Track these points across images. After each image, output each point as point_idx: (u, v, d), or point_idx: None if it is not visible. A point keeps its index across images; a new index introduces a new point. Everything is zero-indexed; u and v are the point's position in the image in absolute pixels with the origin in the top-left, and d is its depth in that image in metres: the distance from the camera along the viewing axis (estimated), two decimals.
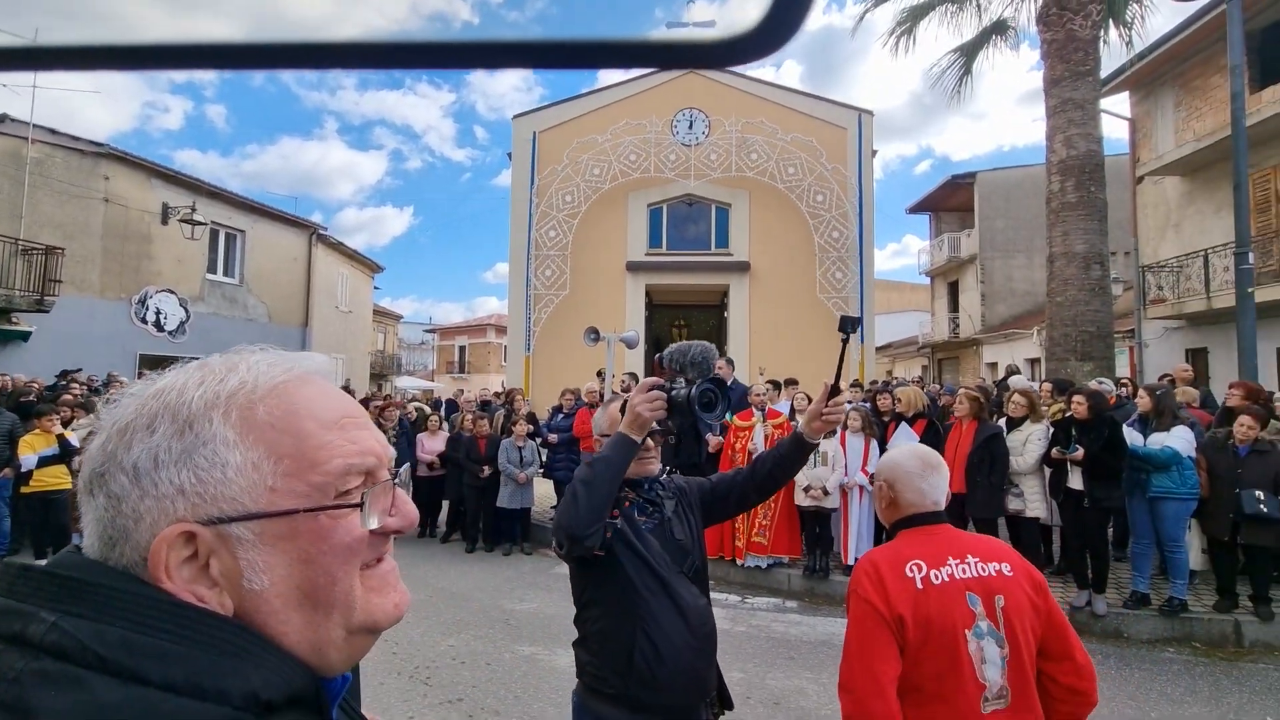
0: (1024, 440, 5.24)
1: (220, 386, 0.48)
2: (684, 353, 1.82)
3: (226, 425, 0.47)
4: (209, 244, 14.64)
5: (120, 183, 12.64)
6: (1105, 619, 4.93)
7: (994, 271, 21.39)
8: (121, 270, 12.65)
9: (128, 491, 0.45)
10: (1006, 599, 1.49)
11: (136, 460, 0.45)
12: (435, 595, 5.66)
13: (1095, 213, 8.52)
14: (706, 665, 1.74)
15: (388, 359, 30.30)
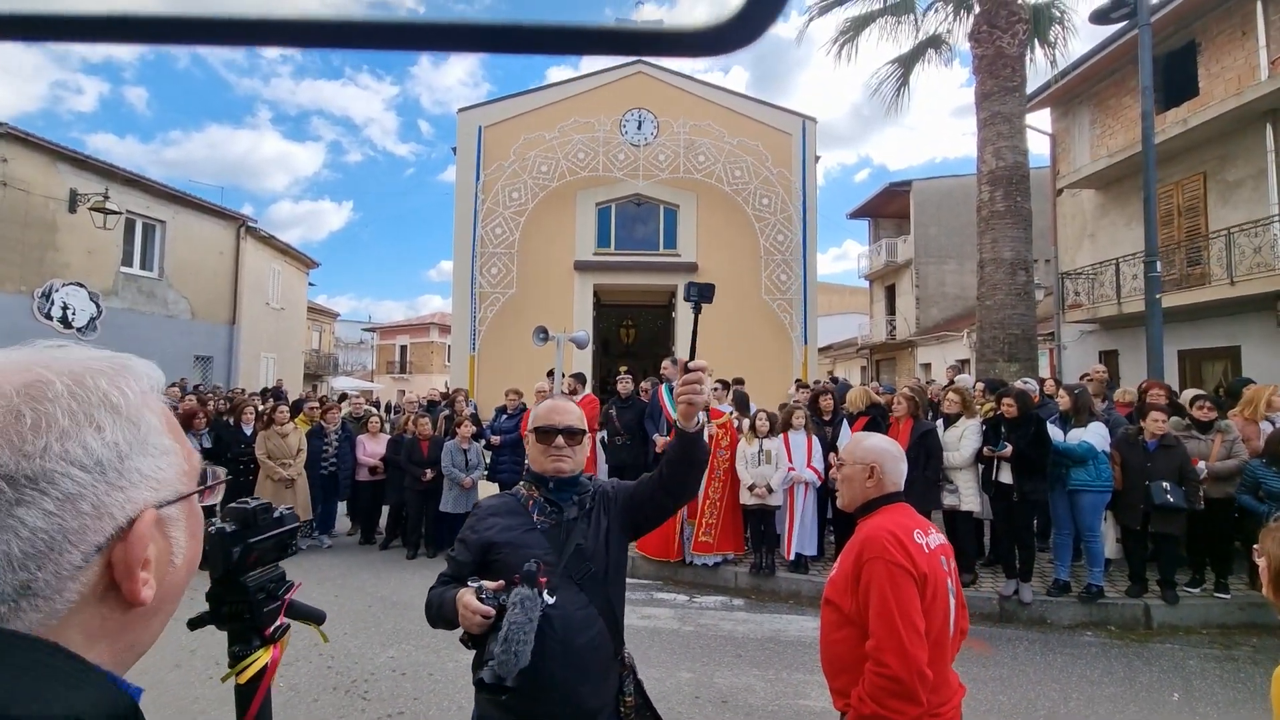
0: (959, 436, 5.47)
1: (141, 384, 0.51)
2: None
3: (155, 417, 0.51)
4: (124, 235, 13.63)
5: (20, 166, 11.61)
6: (1031, 607, 5.21)
7: (928, 276, 22.35)
8: (22, 261, 11.63)
9: (90, 486, 0.45)
10: (949, 560, 1.82)
11: (99, 455, 0.46)
12: (374, 604, 5.44)
13: (1021, 221, 9.00)
14: (576, 678, 1.58)
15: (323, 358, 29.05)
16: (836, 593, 1.81)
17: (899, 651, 1.59)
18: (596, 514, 1.73)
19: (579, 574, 1.66)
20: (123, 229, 13.45)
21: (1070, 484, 5.20)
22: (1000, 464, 5.27)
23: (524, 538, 1.68)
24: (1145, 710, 3.80)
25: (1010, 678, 4.22)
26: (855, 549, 1.78)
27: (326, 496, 7.46)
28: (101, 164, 13.17)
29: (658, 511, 1.77)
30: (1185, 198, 11.58)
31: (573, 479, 1.76)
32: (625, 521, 1.74)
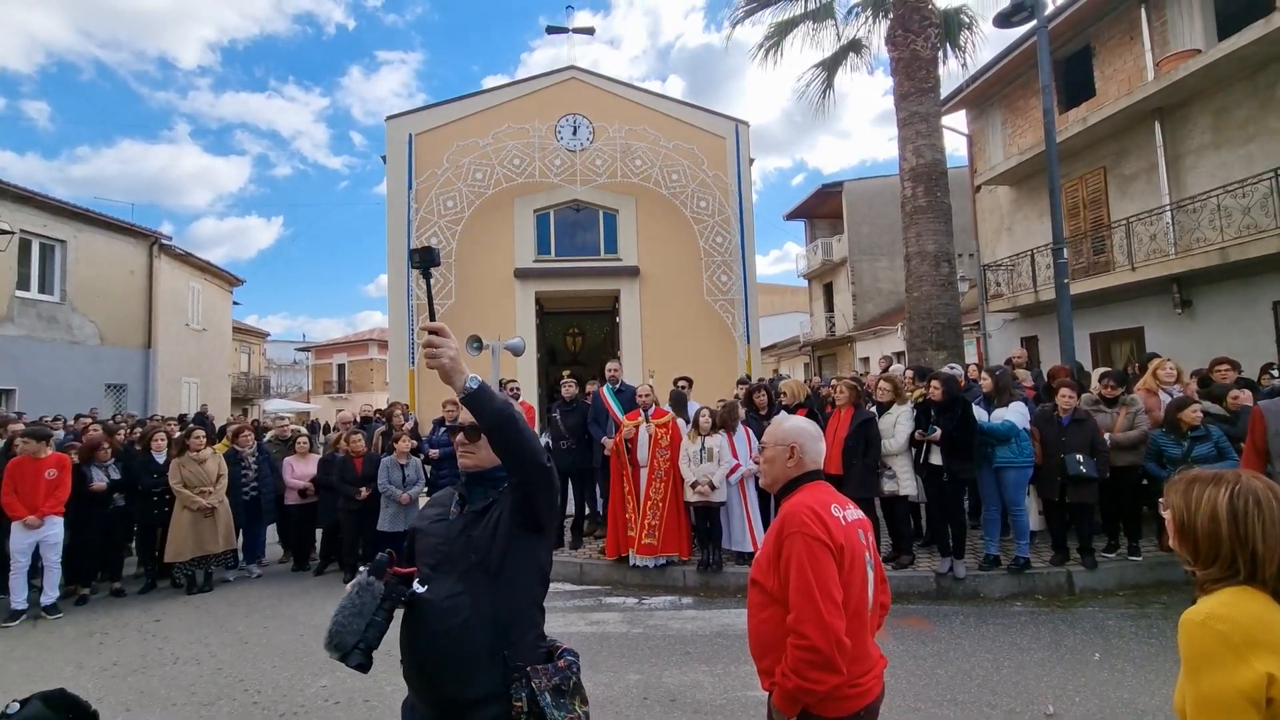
0: (893, 423, 5.63)
1: None
2: None
3: None
4: (18, 256, 12.61)
5: None
6: (965, 582, 5.40)
7: (862, 273, 23.14)
8: None
9: None
10: (867, 534, 1.87)
11: None
12: (306, 633, 5.16)
13: (942, 215, 9.41)
14: (437, 665, 1.61)
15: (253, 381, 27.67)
16: (761, 572, 1.81)
17: (817, 622, 1.61)
18: (496, 508, 1.71)
19: (462, 565, 1.66)
20: (16, 250, 12.45)
21: (996, 462, 5.44)
22: (930, 447, 5.45)
23: (432, 527, 1.78)
24: (1070, 671, 3.98)
25: (947, 651, 4.35)
26: (777, 527, 1.79)
27: (250, 523, 7.05)
28: None
29: (524, 493, 1.65)
30: (1089, 191, 12.39)
31: (482, 474, 1.79)
32: (515, 514, 1.67)
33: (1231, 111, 9.81)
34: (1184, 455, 5.05)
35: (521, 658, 1.62)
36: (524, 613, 1.67)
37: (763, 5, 11.15)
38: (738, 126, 15.21)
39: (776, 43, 11.37)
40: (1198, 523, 1.22)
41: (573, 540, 7.16)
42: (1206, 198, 9.72)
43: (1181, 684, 1.17)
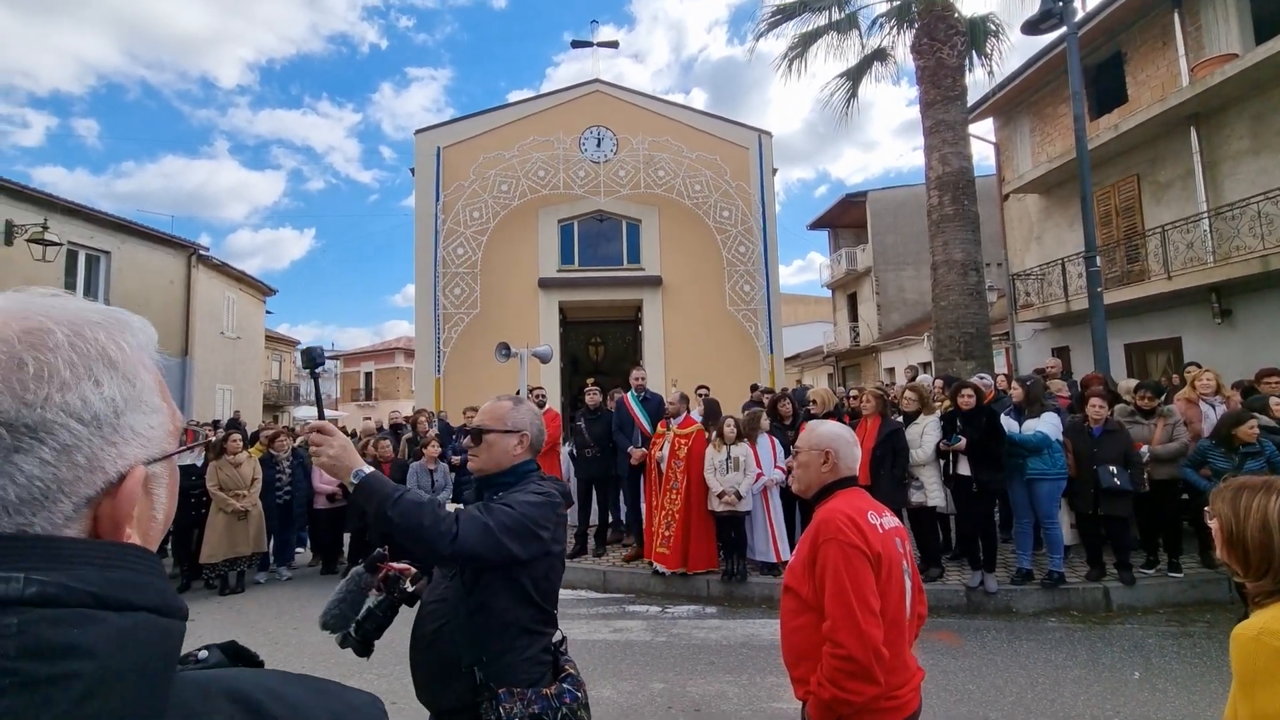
0: (920, 433, 5.56)
1: (137, 339, 0.52)
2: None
3: (149, 375, 0.52)
4: (66, 266, 13.12)
5: None
6: (997, 596, 5.29)
7: (887, 283, 22.90)
8: None
9: (85, 439, 0.46)
10: (904, 542, 1.83)
11: (97, 410, 0.47)
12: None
13: (969, 224, 9.30)
14: (420, 666, 1.67)
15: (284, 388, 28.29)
16: (795, 579, 1.80)
17: (854, 631, 1.58)
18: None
19: (450, 572, 1.70)
20: (64, 261, 12.95)
21: (1028, 473, 5.33)
22: (958, 457, 5.37)
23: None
24: (1108, 690, 3.87)
25: (979, 667, 4.26)
26: (811, 533, 1.78)
27: (283, 526, 7.20)
28: (40, 194, 12.70)
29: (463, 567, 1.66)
30: (1121, 199, 12.13)
31: (489, 477, 1.82)
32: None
33: (1270, 116, 9.56)
34: (1235, 470, 4.89)
35: (497, 677, 1.58)
36: (501, 633, 1.62)
37: (786, 18, 11.19)
38: (760, 137, 15.23)
39: (800, 54, 11.40)
40: (1247, 532, 1.17)
41: (595, 548, 7.17)
42: (1246, 204, 9.46)
43: (1234, 701, 1.14)
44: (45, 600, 0.40)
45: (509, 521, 1.57)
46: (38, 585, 0.40)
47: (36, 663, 0.38)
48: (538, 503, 1.67)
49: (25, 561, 0.41)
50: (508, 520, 1.57)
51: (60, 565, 0.42)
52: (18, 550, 0.42)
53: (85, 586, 0.42)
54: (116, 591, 0.43)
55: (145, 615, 0.44)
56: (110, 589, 0.43)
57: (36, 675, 0.38)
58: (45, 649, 0.39)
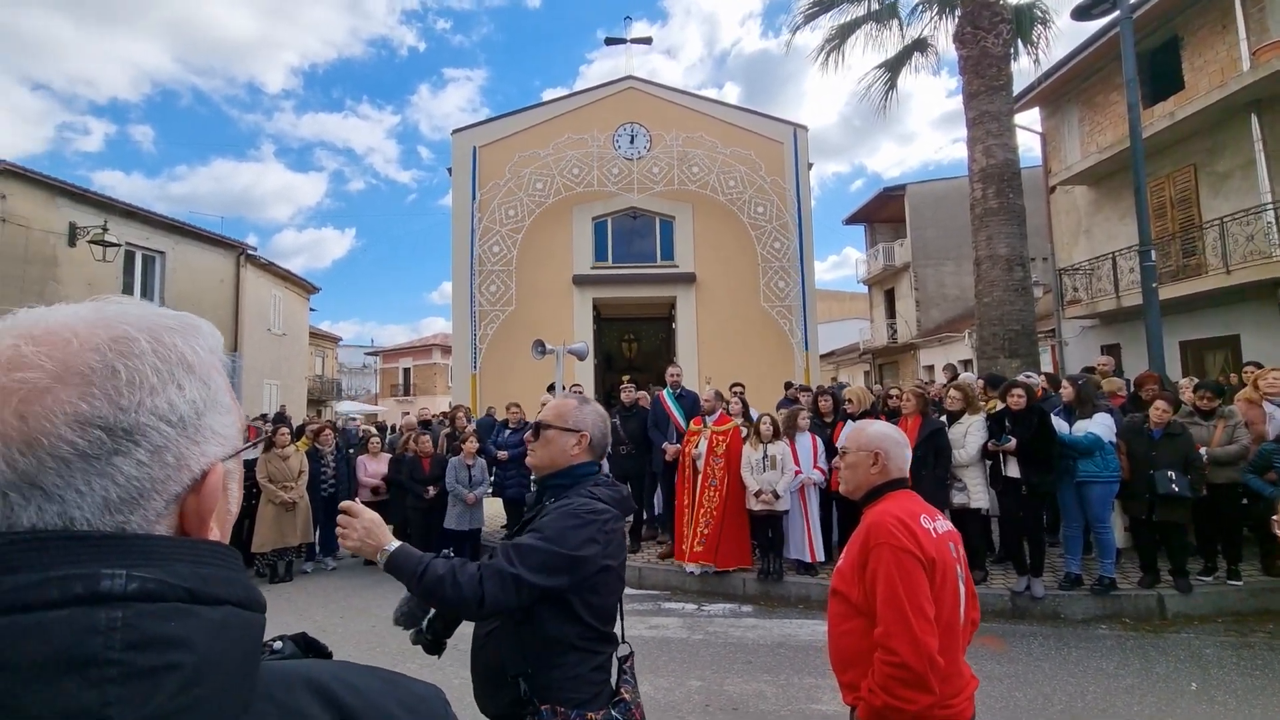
0: (964, 433, 5.44)
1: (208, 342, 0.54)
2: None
3: (220, 377, 0.54)
4: (124, 266, 13.73)
5: (20, 202, 11.74)
6: (1044, 601, 5.15)
7: (926, 279, 22.39)
8: (22, 295, 11.69)
9: (174, 440, 0.48)
10: (958, 547, 1.80)
11: (182, 412, 0.49)
12: (379, 625, 5.39)
13: (1014, 217, 9.03)
14: (472, 671, 1.71)
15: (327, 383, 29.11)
16: (844, 583, 1.78)
17: (908, 638, 1.55)
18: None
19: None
20: (122, 261, 13.56)
21: (1078, 475, 5.17)
22: (1006, 458, 5.24)
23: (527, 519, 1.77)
24: (1163, 701, 3.74)
25: (1025, 674, 4.16)
26: (861, 536, 1.76)
27: (328, 518, 7.42)
28: (100, 197, 13.30)
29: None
30: (1177, 190, 11.62)
31: (546, 478, 1.79)
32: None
33: None
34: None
35: (542, 692, 1.55)
36: (548, 648, 1.58)
37: (824, 9, 11.01)
38: (795, 131, 15.04)
39: (837, 45, 11.20)
40: None
41: (631, 544, 7.21)
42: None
43: None
44: (146, 595, 0.42)
45: (537, 562, 1.54)
46: (139, 581, 0.42)
47: (141, 654, 0.40)
48: (577, 524, 1.60)
49: (126, 559, 0.43)
50: (536, 561, 1.54)
51: (157, 562, 0.44)
52: (119, 549, 0.44)
53: (181, 582, 0.44)
54: (207, 587, 0.45)
55: (232, 609, 0.46)
56: (202, 584, 0.45)
57: (142, 666, 0.40)
58: (148, 641, 0.41)
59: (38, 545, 0.42)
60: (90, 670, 0.39)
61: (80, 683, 0.38)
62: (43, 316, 0.49)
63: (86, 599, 0.40)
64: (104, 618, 0.40)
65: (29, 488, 0.43)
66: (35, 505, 0.43)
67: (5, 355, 0.45)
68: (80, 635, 0.39)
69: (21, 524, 0.43)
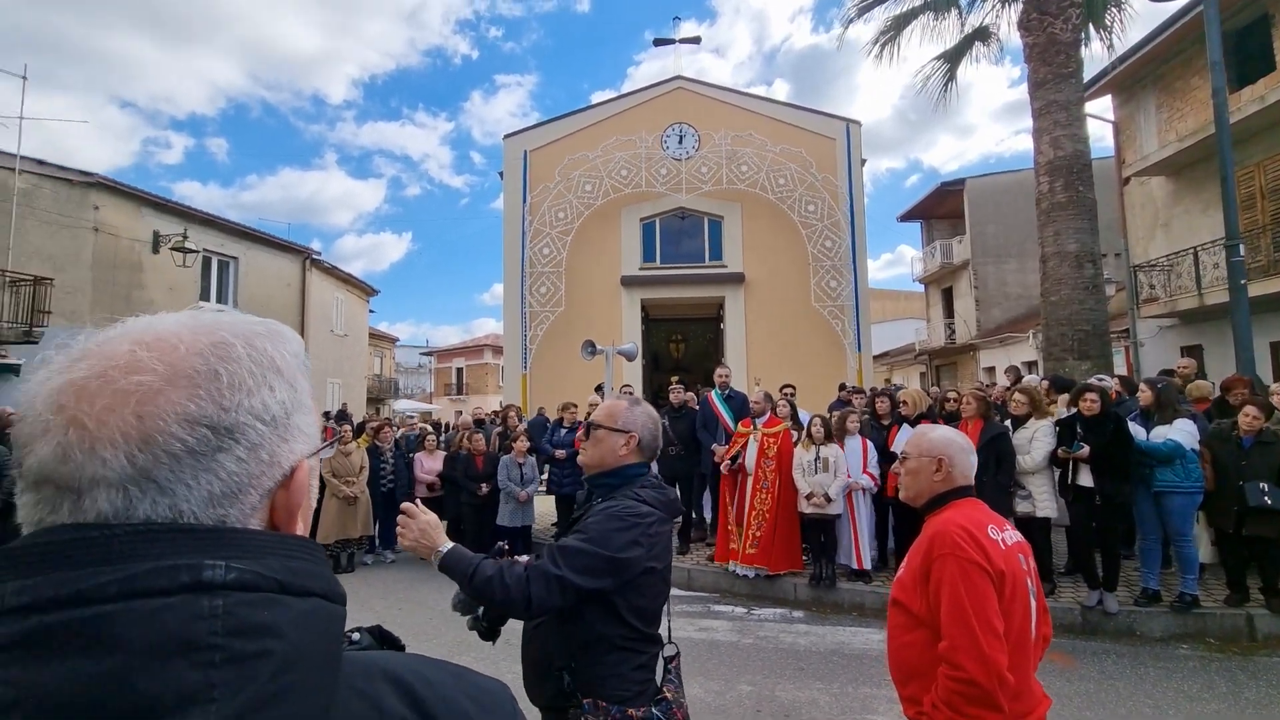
0: (1029, 438, 5.20)
1: (293, 347, 0.57)
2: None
3: (303, 380, 0.57)
4: (201, 271, 14.59)
5: (110, 212, 12.64)
6: (1117, 618, 4.87)
7: (987, 276, 21.51)
8: (112, 300, 12.59)
9: (267, 438, 0.52)
10: (1028, 559, 1.72)
11: (274, 411, 0.52)
12: (435, 617, 5.55)
13: (1085, 212, 8.58)
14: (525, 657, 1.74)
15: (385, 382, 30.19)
16: (905, 593, 1.72)
17: (975, 653, 1.49)
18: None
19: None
20: (200, 266, 14.41)
21: (1155, 485, 4.87)
22: (1078, 466, 4.98)
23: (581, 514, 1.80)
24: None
25: (1097, 693, 3.94)
26: (924, 546, 1.70)
27: (387, 512, 7.70)
28: (180, 206, 14.18)
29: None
30: (1268, 178, 10.79)
31: (595, 477, 1.82)
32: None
33: None
34: None
35: (584, 686, 1.58)
36: (591, 645, 1.61)
37: (878, 1, 10.73)
38: (849, 126, 14.69)
39: (892, 38, 10.90)
40: None
41: (679, 546, 7.19)
42: None
43: None
44: (243, 585, 0.44)
45: (581, 564, 1.57)
46: (237, 572, 0.45)
47: (240, 640, 0.42)
48: (621, 527, 1.63)
49: (225, 551, 0.46)
50: (580, 564, 1.57)
51: (252, 554, 0.47)
52: (219, 541, 0.47)
53: (273, 574, 0.46)
54: (296, 579, 0.47)
55: (318, 600, 0.48)
56: (292, 577, 0.47)
57: (241, 651, 0.42)
58: (246, 628, 0.43)
59: (151, 536, 0.45)
60: (196, 654, 0.41)
61: (188, 665, 0.40)
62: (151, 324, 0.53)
63: (192, 587, 0.43)
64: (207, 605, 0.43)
65: (145, 482, 0.46)
66: (150, 498, 0.46)
67: (123, 359, 0.49)
68: (187, 621, 0.42)
69: (138, 515, 0.46)
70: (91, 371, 0.48)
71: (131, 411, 0.47)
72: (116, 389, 0.47)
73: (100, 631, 0.40)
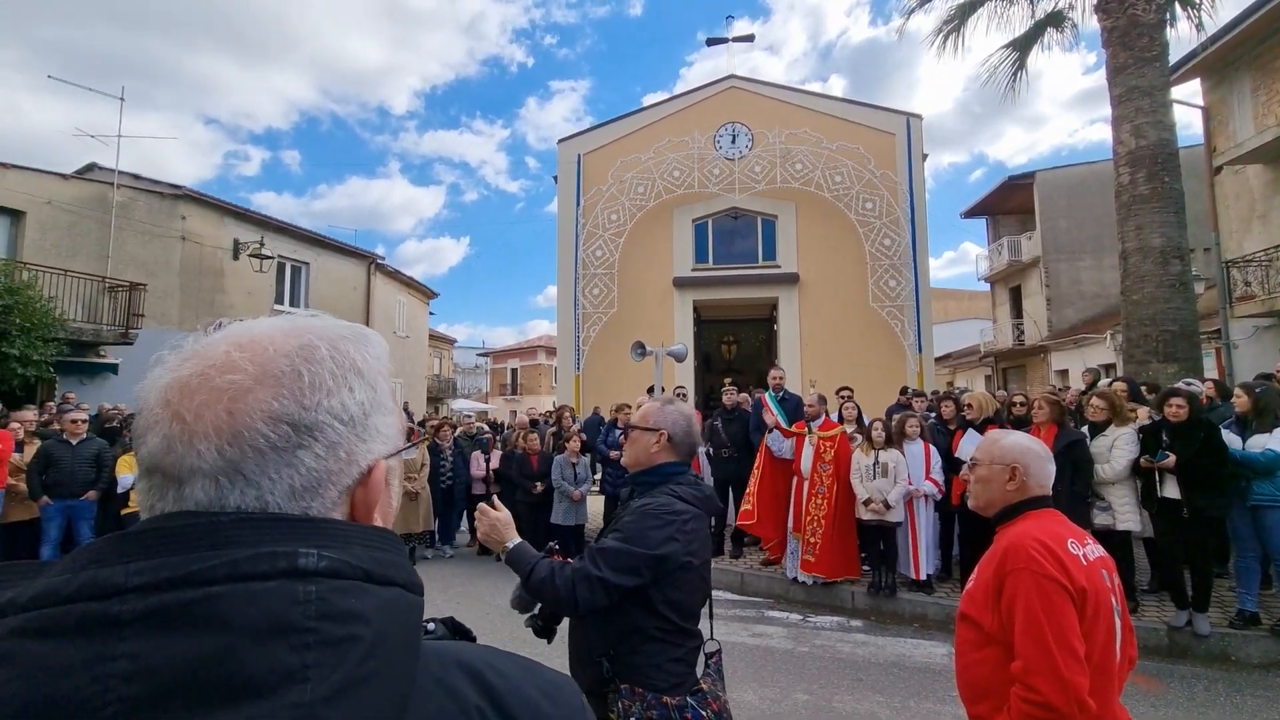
0: (1109, 446, 4.89)
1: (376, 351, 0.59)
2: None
3: (385, 382, 0.59)
4: (276, 276, 15.44)
5: (196, 222, 13.53)
6: (1209, 640, 4.52)
7: (1059, 274, 20.40)
8: (197, 303, 13.47)
9: (345, 437, 0.53)
10: (1111, 575, 1.60)
11: (352, 412, 0.54)
12: (491, 612, 5.68)
13: (1171, 204, 8.01)
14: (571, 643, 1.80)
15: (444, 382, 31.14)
16: (975, 608, 1.63)
17: (1052, 676, 1.40)
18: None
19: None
20: (275, 271, 15.25)
21: (1252, 499, 4.49)
22: (1163, 476, 4.65)
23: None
24: None
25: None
26: (996, 559, 1.61)
27: (446, 508, 7.92)
28: (257, 215, 15.05)
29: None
30: None
31: (635, 475, 1.90)
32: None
33: None
34: None
35: (623, 673, 1.64)
36: (628, 635, 1.67)
37: None
38: (909, 121, 14.22)
39: (956, 27, 10.49)
40: None
41: (732, 549, 7.12)
42: None
43: None
44: (334, 572, 0.46)
45: (620, 564, 1.65)
46: (328, 560, 0.46)
47: (331, 624, 0.44)
48: (656, 525, 1.69)
49: (317, 539, 0.48)
50: (619, 564, 1.65)
51: (339, 544, 0.48)
52: (311, 530, 0.49)
53: (359, 563, 0.48)
54: (380, 569, 0.49)
55: (399, 590, 0.49)
56: (376, 566, 0.49)
57: (332, 635, 0.44)
58: (337, 614, 0.44)
59: (251, 524, 0.48)
60: (293, 636, 0.43)
61: (286, 647, 0.42)
62: (249, 327, 0.56)
63: (288, 573, 0.45)
64: (301, 590, 0.44)
65: (234, 474, 0.49)
66: (238, 489, 0.49)
67: (220, 360, 0.52)
68: (285, 604, 0.43)
69: (229, 505, 0.49)
70: (193, 370, 0.52)
71: (224, 408, 0.50)
72: (212, 387, 0.50)
73: (209, 612, 0.42)
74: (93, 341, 11.32)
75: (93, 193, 12.09)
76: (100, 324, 11.42)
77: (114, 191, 12.17)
